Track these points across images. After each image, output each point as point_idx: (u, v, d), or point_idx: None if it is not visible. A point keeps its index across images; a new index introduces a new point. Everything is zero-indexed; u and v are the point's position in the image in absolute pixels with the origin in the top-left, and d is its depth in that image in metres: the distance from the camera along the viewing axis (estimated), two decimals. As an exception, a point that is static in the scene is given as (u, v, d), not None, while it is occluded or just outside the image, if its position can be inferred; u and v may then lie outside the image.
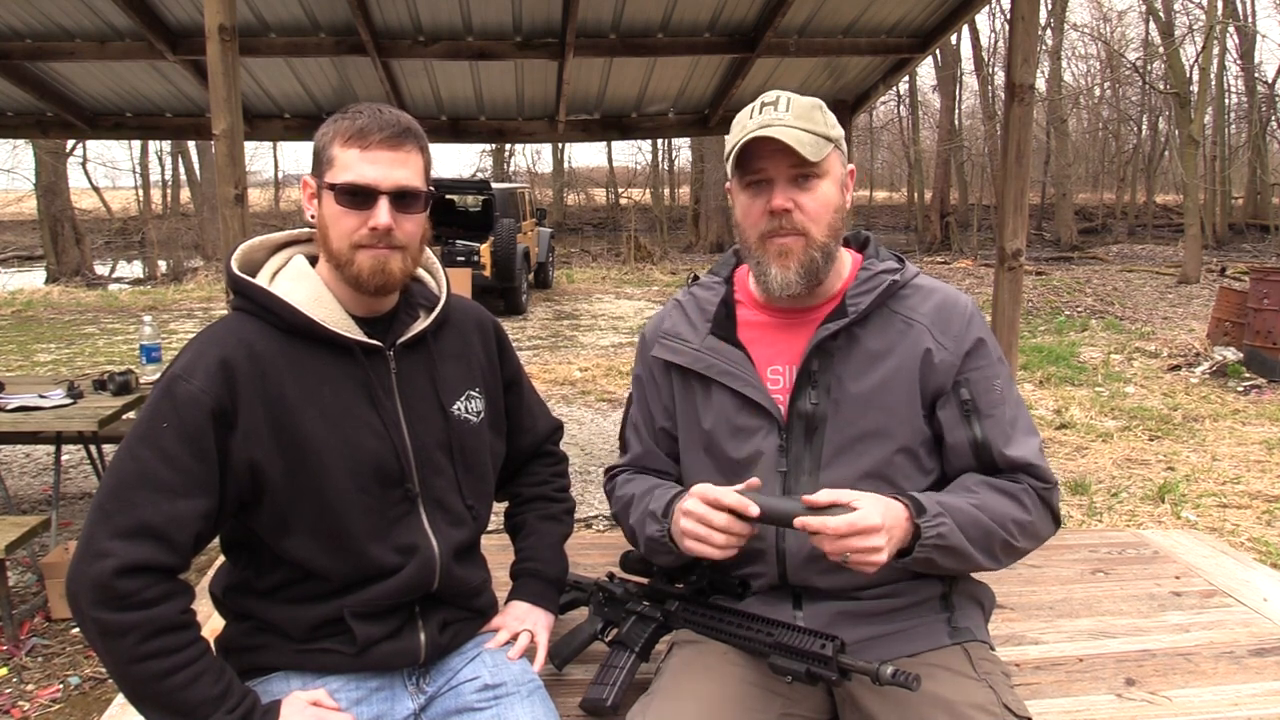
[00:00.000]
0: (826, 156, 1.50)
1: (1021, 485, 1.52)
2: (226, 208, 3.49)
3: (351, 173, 1.41)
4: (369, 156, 1.41)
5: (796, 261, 1.51)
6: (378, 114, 1.43)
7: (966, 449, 1.53)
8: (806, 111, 1.51)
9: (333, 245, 1.44)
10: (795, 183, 1.49)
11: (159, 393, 1.38)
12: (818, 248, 1.51)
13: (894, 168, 36.24)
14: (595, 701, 1.59)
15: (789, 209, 1.49)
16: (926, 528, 1.40)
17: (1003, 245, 3.95)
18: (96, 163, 41.19)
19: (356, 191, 1.41)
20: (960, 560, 1.46)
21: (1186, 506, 4.91)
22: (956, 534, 1.42)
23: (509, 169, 31.98)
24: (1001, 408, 1.54)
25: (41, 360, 9.42)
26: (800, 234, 1.50)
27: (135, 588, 1.29)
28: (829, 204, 1.52)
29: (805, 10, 4.93)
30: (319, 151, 1.45)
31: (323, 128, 1.46)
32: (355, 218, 1.41)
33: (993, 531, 1.46)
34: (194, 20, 4.66)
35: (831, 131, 1.52)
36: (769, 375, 1.58)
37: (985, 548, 1.47)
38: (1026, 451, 1.53)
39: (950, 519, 1.42)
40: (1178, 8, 22.21)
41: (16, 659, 3.34)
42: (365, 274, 1.43)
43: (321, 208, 1.45)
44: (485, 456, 1.63)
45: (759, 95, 1.57)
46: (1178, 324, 11.03)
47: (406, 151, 1.43)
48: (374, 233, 1.41)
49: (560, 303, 13.92)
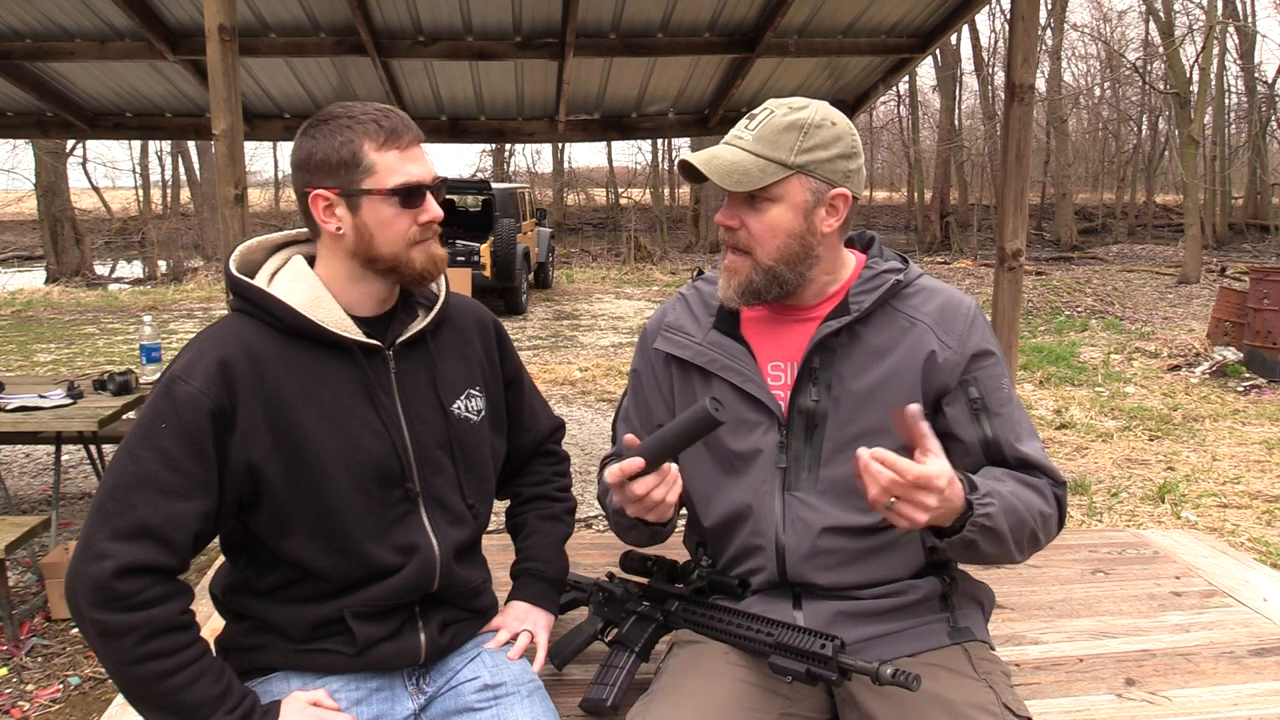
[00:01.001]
0: (779, 182, 1.47)
1: (1042, 480, 1.52)
2: (226, 208, 3.50)
3: (400, 175, 1.43)
4: (409, 156, 1.44)
5: (738, 280, 1.53)
6: (392, 114, 1.45)
7: (977, 447, 1.53)
8: (776, 134, 1.47)
9: (383, 250, 1.44)
10: (746, 202, 1.50)
11: (158, 393, 1.38)
12: (761, 271, 1.51)
13: (894, 168, 36.25)
14: (595, 701, 1.59)
15: (733, 227, 1.52)
16: (979, 506, 1.37)
17: (1003, 245, 3.95)
18: (96, 163, 41.24)
19: (413, 191, 1.44)
20: (998, 547, 1.42)
21: (1186, 506, 4.91)
22: (1001, 518, 1.40)
23: (509, 169, 32.01)
24: (1009, 407, 1.54)
25: (41, 360, 9.42)
26: (745, 253, 1.52)
27: (134, 589, 1.29)
28: (774, 228, 1.49)
29: (805, 10, 4.93)
30: (341, 161, 1.41)
31: (327, 136, 1.42)
32: (408, 217, 1.44)
33: (1024, 521, 1.45)
34: (194, 20, 4.67)
35: (795, 158, 1.47)
36: (770, 371, 1.58)
37: (1017, 538, 1.45)
38: (1034, 451, 1.54)
39: (997, 502, 1.40)
40: (1178, 8, 22.24)
41: (16, 659, 3.34)
42: (424, 268, 1.48)
43: (360, 216, 1.43)
44: (486, 455, 1.63)
45: (759, 96, 1.57)
46: (1178, 324, 11.03)
47: (422, 144, 1.49)
48: (426, 227, 1.46)
49: (560, 303, 13.92)
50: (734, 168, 1.47)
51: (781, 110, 1.50)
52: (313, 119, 1.45)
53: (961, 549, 1.42)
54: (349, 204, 1.43)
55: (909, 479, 1.28)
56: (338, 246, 1.47)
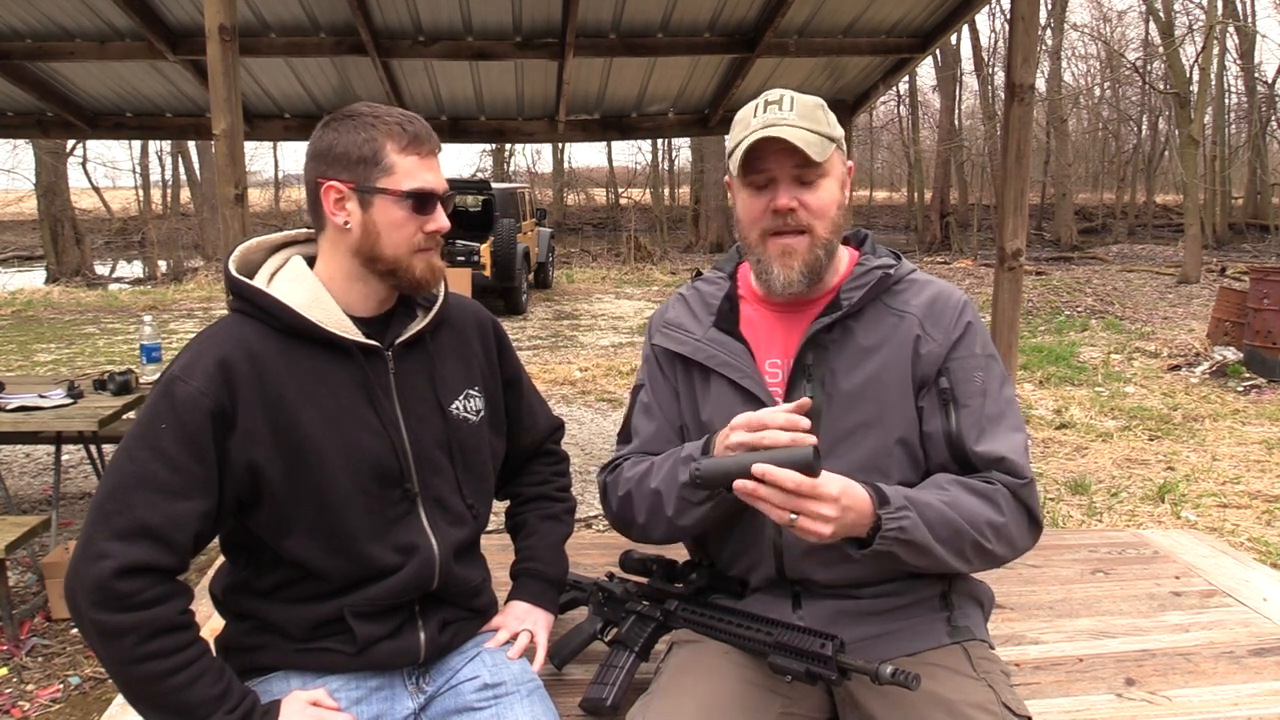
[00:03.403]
0: (829, 156, 1.51)
1: (995, 485, 1.48)
2: (226, 208, 3.49)
3: (417, 180, 1.44)
4: (427, 164, 1.46)
5: (800, 261, 1.52)
6: (417, 121, 1.46)
7: (941, 439, 1.52)
8: (810, 111, 1.52)
9: (386, 251, 1.45)
10: (799, 181, 1.50)
11: (158, 394, 1.38)
12: (821, 245, 1.53)
13: (894, 168, 36.22)
14: (595, 701, 1.59)
15: (794, 208, 1.50)
16: (887, 519, 1.37)
17: (1003, 245, 3.94)
18: (96, 163, 41.27)
19: (427, 198, 1.45)
20: (926, 558, 1.42)
21: (1186, 506, 4.91)
22: (920, 529, 1.38)
23: (509, 169, 31.99)
24: (980, 400, 1.52)
25: (41, 360, 9.42)
26: (804, 231, 1.51)
27: (134, 589, 1.29)
28: (831, 201, 1.53)
29: (805, 10, 4.93)
30: (362, 157, 1.42)
31: (352, 131, 1.43)
32: (416, 223, 1.45)
33: (963, 531, 1.43)
34: (194, 20, 4.66)
35: (834, 131, 1.53)
36: (767, 368, 1.59)
37: (955, 548, 1.43)
38: (1003, 446, 1.50)
39: (915, 514, 1.39)
40: (1178, 8, 22.20)
41: (16, 659, 3.34)
42: (423, 276, 1.49)
43: (370, 213, 1.44)
44: (485, 455, 1.63)
45: (759, 95, 1.57)
46: (1178, 324, 11.03)
47: (439, 156, 1.51)
48: (432, 236, 1.47)
49: (560, 303, 13.92)
50: (807, 142, 1.47)
51: (792, 91, 1.54)
52: (337, 114, 1.47)
53: (883, 560, 1.41)
54: (361, 200, 1.43)
55: (788, 488, 1.29)
56: (341, 242, 1.47)
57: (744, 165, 1.51)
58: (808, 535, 1.32)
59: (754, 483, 1.30)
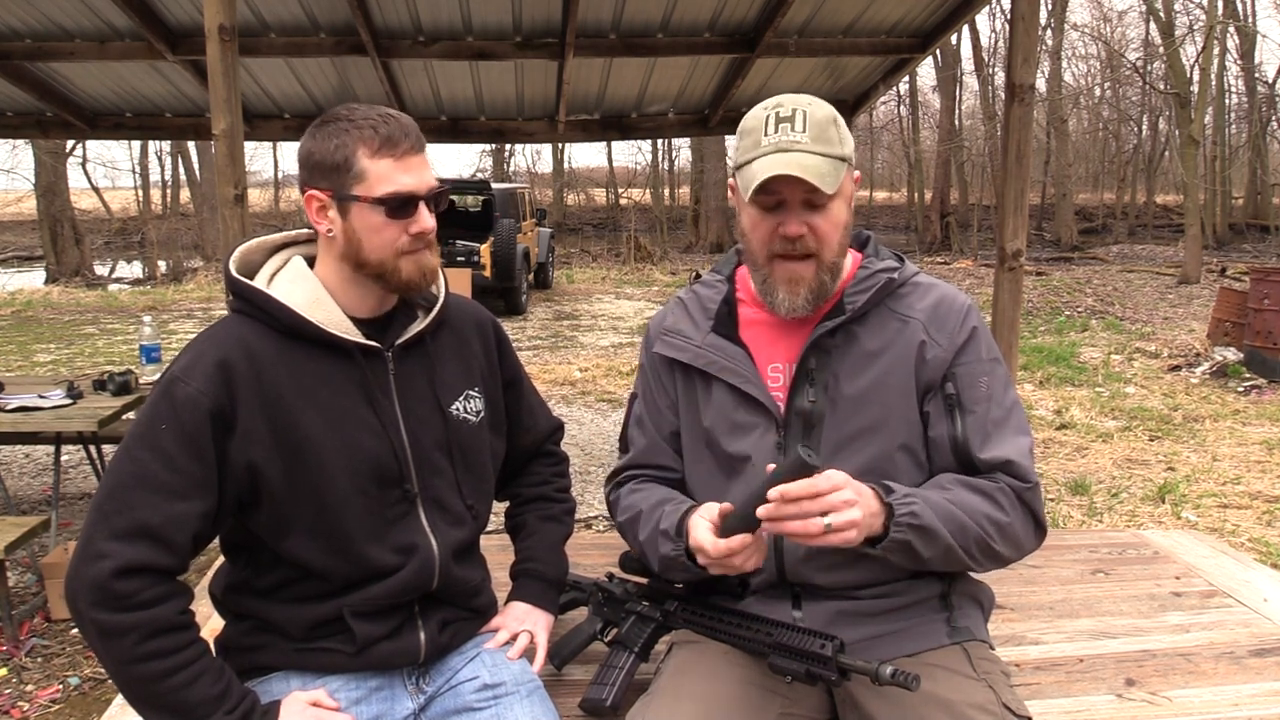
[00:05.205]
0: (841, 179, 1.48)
1: (998, 485, 1.48)
2: (226, 208, 3.49)
3: (392, 184, 1.41)
4: (404, 165, 1.42)
5: (806, 288, 1.51)
6: (392, 120, 1.42)
7: (946, 444, 1.52)
8: (823, 130, 1.46)
9: (370, 256, 1.44)
10: (809, 206, 1.47)
11: (157, 394, 1.38)
12: (827, 269, 1.51)
13: (894, 168, 36.21)
14: (595, 701, 1.59)
15: (803, 234, 1.48)
16: (899, 505, 1.37)
17: (1003, 245, 3.94)
18: (96, 163, 41.10)
19: (404, 202, 1.42)
20: (940, 549, 1.41)
21: (1187, 507, 4.91)
22: (930, 514, 1.38)
23: (509, 169, 32.00)
24: (985, 405, 1.52)
25: (41, 360, 9.42)
26: (811, 256, 1.49)
27: (133, 589, 1.29)
28: (839, 224, 1.50)
29: (805, 10, 4.93)
30: (335, 164, 1.41)
31: (326, 138, 1.42)
32: (397, 227, 1.43)
33: (967, 527, 1.42)
34: (194, 20, 4.66)
35: (845, 149, 1.48)
36: (769, 373, 1.58)
37: (963, 543, 1.43)
38: (1009, 450, 1.50)
39: (920, 501, 1.39)
40: (1178, 8, 22.19)
41: (16, 659, 3.34)
42: (411, 278, 1.46)
43: (349, 221, 1.43)
44: (485, 456, 1.63)
45: (759, 96, 1.55)
46: (1178, 324, 11.03)
47: (424, 152, 1.47)
48: (418, 238, 1.44)
49: (560, 303, 13.92)
50: (819, 172, 1.43)
51: (805, 104, 1.48)
52: (319, 119, 1.45)
53: (900, 552, 1.40)
54: (339, 208, 1.43)
55: (803, 494, 1.27)
56: (330, 248, 1.47)
57: (760, 193, 1.47)
58: (845, 535, 1.30)
59: (775, 504, 1.29)
